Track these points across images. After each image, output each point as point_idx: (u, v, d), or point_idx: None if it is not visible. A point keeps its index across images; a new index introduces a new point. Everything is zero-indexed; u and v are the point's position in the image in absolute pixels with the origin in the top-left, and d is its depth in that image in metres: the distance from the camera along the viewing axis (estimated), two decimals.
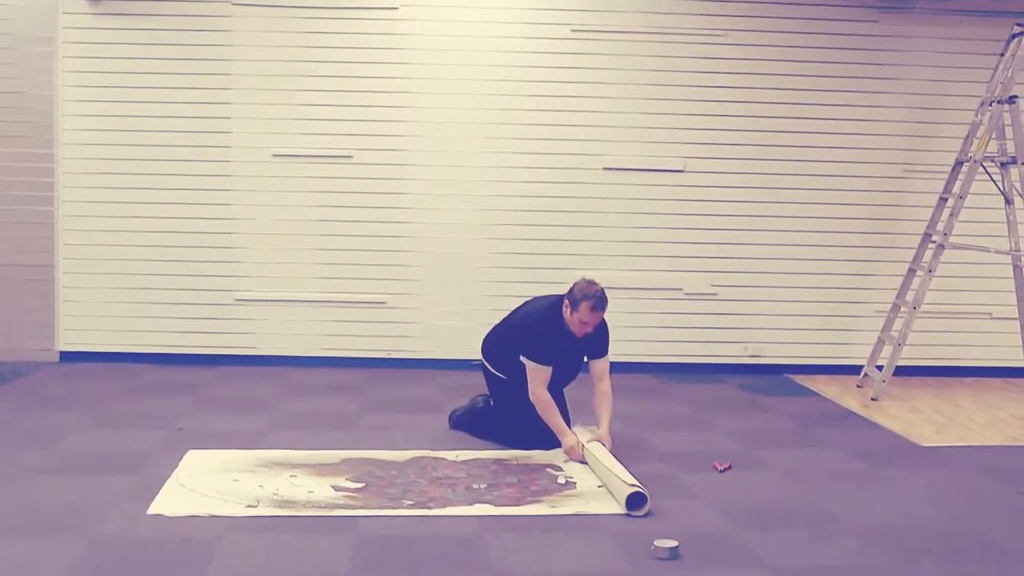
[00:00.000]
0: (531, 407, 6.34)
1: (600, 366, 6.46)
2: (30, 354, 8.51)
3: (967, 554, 4.86)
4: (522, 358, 6.29)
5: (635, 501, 5.26)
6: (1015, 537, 5.11)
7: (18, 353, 8.48)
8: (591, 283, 6.21)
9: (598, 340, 6.39)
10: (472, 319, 8.32)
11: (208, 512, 5.07)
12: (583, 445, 6.09)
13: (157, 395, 7.53)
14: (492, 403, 6.74)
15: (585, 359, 6.48)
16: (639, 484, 5.33)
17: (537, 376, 6.25)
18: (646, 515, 5.20)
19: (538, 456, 6.24)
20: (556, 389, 6.42)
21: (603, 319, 6.36)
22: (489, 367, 6.64)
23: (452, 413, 6.92)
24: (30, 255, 8.48)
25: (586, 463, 6.02)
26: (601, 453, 5.89)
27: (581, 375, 6.54)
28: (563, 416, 6.36)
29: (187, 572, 4.34)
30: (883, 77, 8.80)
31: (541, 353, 6.25)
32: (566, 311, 6.21)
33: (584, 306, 6.11)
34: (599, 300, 6.12)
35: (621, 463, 5.71)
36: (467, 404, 6.89)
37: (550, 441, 6.36)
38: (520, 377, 6.35)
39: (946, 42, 8.78)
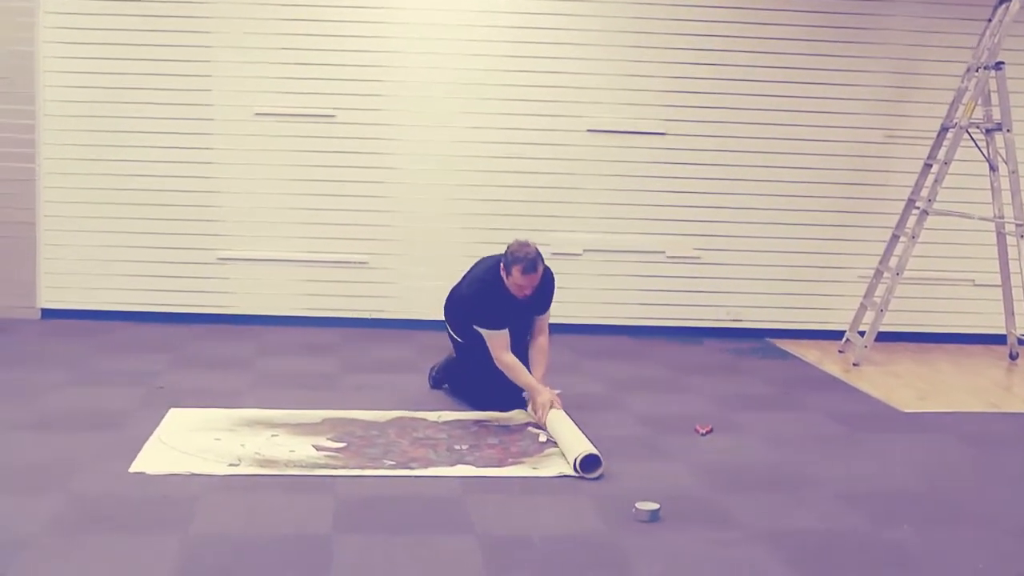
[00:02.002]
0: (488, 369, 6.29)
1: (540, 322, 6.41)
2: (10, 311, 8.46)
3: (945, 519, 4.89)
4: (476, 327, 6.27)
5: (588, 464, 5.26)
6: (992, 503, 5.14)
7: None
8: (523, 244, 6.11)
9: (543, 297, 6.33)
10: (453, 280, 8.27)
11: (190, 470, 5.06)
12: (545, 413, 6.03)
13: (138, 353, 7.50)
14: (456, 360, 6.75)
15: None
16: (590, 449, 5.31)
17: (496, 342, 6.19)
18: (599, 477, 5.21)
19: (519, 416, 6.24)
20: (516, 346, 6.36)
21: (550, 275, 6.32)
22: (449, 329, 6.65)
23: (431, 369, 6.92)
24: (11, 212, 8.43)
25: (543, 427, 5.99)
26: (554, 422, 5.86)
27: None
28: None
29: (169, 530, 4.34)
30: (867, 42, 8.77)
31: (491, 319, 6.20)
32: (503, 274, 6.16)
33: (515, 270, 6.04)
34: (530, 262, 6.03)
35: (575, 427, 5.72)
36: (444, 358, 6.88)
37: (506, 403, 6.37)
38: (475, 342, 6.32)
39: (932, 6, 8.75)
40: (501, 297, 6.19)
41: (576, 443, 5.42)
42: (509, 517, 4.66)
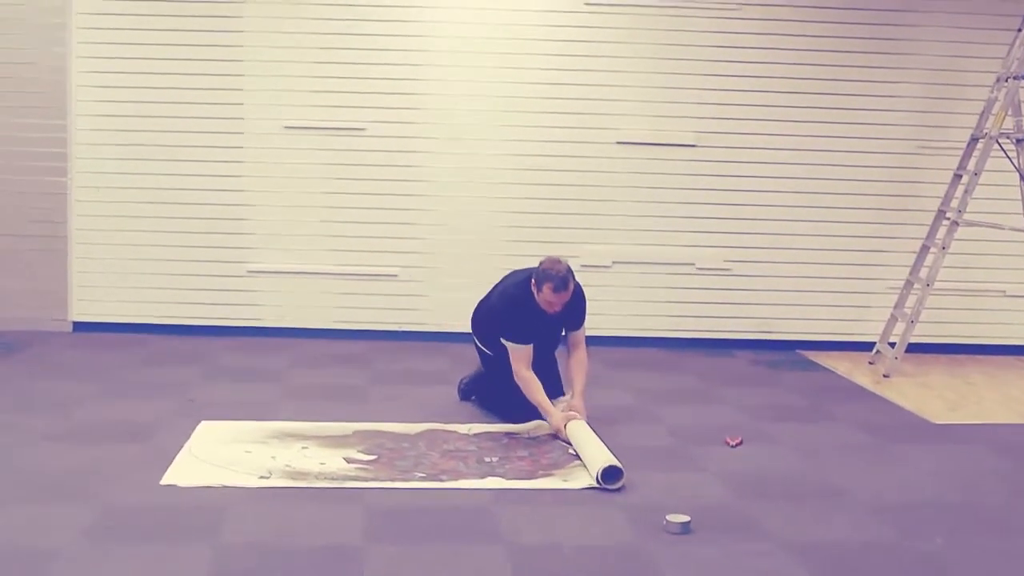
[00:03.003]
0: (514, 382, 6.31)
1: (576, 337, 6.41)
2: (42, 324, 8.52)
3: (977, 531, 4.86)
4: (502, 340, 6.28)
5: (609, 476, 5.24)
6: None
7: (31, 323, 8.50)
8: (555, 262, 6.11)
9: (574, 312, 6.31)
10: (482, 292, 8.29)
11: (221, 483, 5.09)
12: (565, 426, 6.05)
13: (169, 365, 7.55)
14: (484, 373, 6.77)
15: (564, 331, 6.47)
16: (611, 460, 5.30)
17: (519, 356, 6.21)
18: (620, 488, 5.19)
19: (544, 427, 6.22)
20: (544, 358, 6.39)
21: (580, 291, 6.31)
22: (476, 342, 6.66)
23: (460, 382, 6.93)
24: (43, 226, 8.49)
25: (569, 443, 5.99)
26: (577, 434, 5.85)
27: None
28: (555, 382, 6.42)
29: (201, 541, 4.36)
30: (898, 52, 8.74)
31: (518, 333, 6.22)
32: (533, 290, 6.16)
33: (547, 288, 6.04)
34: (560, 281, 6.03)
35: (597, 438, 5.70)
36: (474, 371, 6.90)
37: (531, 415, 6.32)
38: (502, 354, 6.32)
39: (962, 17, 8.72)
40: (530, 312, 6.19)
41: (597, 455, 5.41)
42: (539, 529, 4.66)
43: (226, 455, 5.50)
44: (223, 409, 6.39)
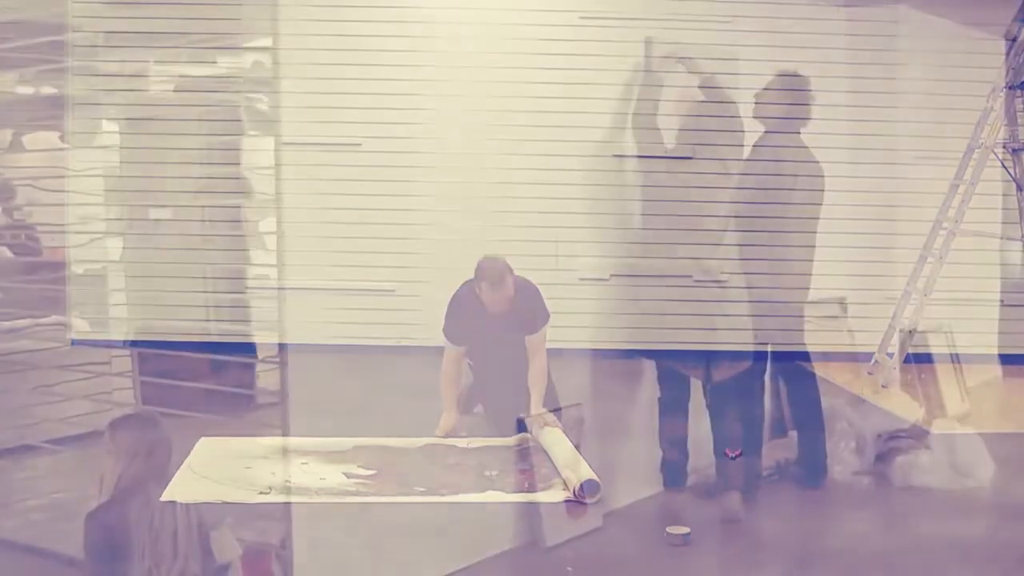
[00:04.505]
0: (499, 391, 6.32)
1: (531, 343, 6.34)
2: (41, 340, 8.50)
3: (977, 538, 4.86)
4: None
5: (587, 490, 5.23)
6: None
7: (28, 339, 8.48)
8: (490, 260, 6.17)
9: (527, 313, 6.26)
10: None
11: (221, 499, 5.07)
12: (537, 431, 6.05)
13: (167, 381, 7.52)
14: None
15: None
16: (587, 474, 5.29)
17: (447, 356, 6.39)
18: (597, 501, 5.17)
19: (531, 438, 6.22)
20: (508, 370, 6.34)
21: (532, 290, 6.29)
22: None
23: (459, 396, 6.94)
24: (40, 239, 8.48)
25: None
26: (550, 441, 5.86)
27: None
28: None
29: (199, 558, 4.34)
30: (892, 63, 8.75)
31: (449, 333, 6.37)
32: (477, 292, 6.16)
33: (484, 286, 6.09)
34: (496, 276, 6.05)
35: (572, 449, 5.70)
36: (466, 384, 6.89)
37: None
38: (483, 364, 6.33)
39: (957, 27, 8.74)
40: (473, 312, 6.17)
41: (574, 469, 5.39)
42: (540, 541, 4.66)
43: (226, 471, 5.50)
44: (223, 426, 6.38)
